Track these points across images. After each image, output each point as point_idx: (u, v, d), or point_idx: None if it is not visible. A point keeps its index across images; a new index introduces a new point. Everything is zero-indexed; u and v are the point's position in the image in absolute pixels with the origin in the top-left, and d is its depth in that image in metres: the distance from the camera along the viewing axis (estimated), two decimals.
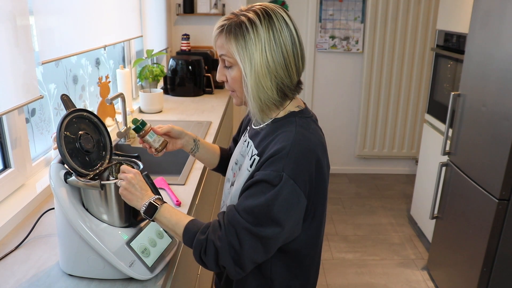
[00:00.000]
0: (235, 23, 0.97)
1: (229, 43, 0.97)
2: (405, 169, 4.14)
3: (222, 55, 1.00)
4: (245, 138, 1.15)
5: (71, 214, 0.99)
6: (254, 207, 0.92)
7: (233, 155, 1.20)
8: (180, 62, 2.98)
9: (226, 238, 0.93)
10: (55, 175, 1.00)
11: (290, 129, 0.99)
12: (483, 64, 2.03)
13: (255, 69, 0.96)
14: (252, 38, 0.95)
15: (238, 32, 0.96)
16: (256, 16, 0.96)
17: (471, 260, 2.07)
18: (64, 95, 1.05)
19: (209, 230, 0.96)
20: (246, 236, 0.92)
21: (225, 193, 1.17)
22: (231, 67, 1.00)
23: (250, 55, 0.95)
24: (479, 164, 2.03)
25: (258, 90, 0.97)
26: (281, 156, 0.93)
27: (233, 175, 1.13)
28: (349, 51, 3.79)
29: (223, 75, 1.04)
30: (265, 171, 0.93)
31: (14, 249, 1.15)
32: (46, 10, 1.52)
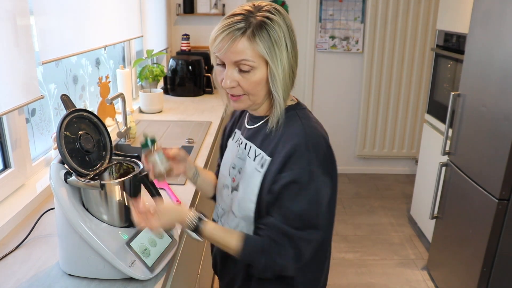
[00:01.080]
0: (255, 24, 0.93)
1: (255, 45, 0.93)
2: (405, 169, 4.14)
3: (242, 60, 0.94)
4: (239, 141, 1.12)
5: (71, 214, 0.99)
6: (301, 213, 0.95)
7: (225, 160, 1.17)
8: (180, 62, 2.98)
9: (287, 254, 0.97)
10: (55, 175, 1.00)
11: (297, 124, 1.00)
12: (483, 64, 2.03)
13: (283, 66, 0.96)
14: (278, 36, 0.94)
15: (262, 32, 0.93)
16: (273, 15, 0.95)
17: (471, 260, 2.07)
18: (64, 95, 1.05)
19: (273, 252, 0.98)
20: (302, 243, 0.97)
21: (225, 200, 1.14)
22: (250, 71, 0.96)
23: (279, 54, 0.95)
24: (479, 164, 2.03)
25: (284, 88, 0.98)
26: (302, 152, 0.95)
27: (232, 180, 1.11)
28: (349, 51, 3.79)
29: (234, 81, 0.98)
30: (293, 171, 0.95)
31: (14, 249, 1.15)
32: (46, 10, 1.52)
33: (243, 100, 1.01)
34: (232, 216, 1.10)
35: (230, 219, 1.11)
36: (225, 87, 0.99)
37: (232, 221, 1.10)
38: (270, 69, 0.95)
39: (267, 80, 0.97)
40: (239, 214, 1.07)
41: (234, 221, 1.09)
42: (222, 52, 0.95)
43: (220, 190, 1.17)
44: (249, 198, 1.03)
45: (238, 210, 1.07)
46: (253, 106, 1.04)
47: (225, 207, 1.15)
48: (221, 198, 1.17)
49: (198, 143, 2.02)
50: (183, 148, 1.95)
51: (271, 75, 0.96)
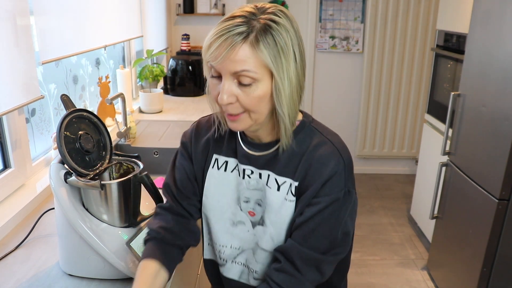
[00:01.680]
0: (259, 28, 0.80)
1: (258, 53, 0.79)
2: (405, 169, 4.14)
3: (243, 71, 0.80)
4: (241, 170, 0.96)
5: (71, 214, 0.99)
6: (332, 237, 0.89)
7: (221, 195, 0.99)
8: (180, 62, 2.98)
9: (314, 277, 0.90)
10: (55, 175, 1.00)
11: (324, 142, 0.91)
12: (483, 64, 2.03)
13: (290, 80, 0.82)
14: (286, 43, 0.81)
15: (267, 37, 0.79)
16: (279, 18, 0.81)
17: (471, 260, 2.07)
18: (64, 95, 1.05)
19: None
20: (326, 266, 0.91)
21: (243, 237, 0.99)
22: (252, 84, 0.81)
23: (286, 64, 0.81)
24: (479, 164, 2.03)
25: (290, 105, 0.84)
26: (339, 174, 0.88)
27: (250, 214, 0.97)
28: (349, 51, 3.79)
29: (233, 96, 0.83)
30: (331, 196, 0.87)
31: (14, 249, 1.15)
32: (46, 10, 1.52)
33: (242, 119, 0.86)
34: (263, 254, 0.97)
35: (260, 257, 0.98)
36: (222, 103, 0.83)
37: (265, 258, 0.98)
38: (275, 81, 0.81)
39: (271, 95, 0.83)
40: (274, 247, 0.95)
41: (268, 258, 0.97)
42: (218, 61, 0.80)
43: (227, 229, 1.01)
44: (285, 229, 0.93)
45: (272, 245, 0.95)
46: (254, 126, 0.89)
47: (242, 245, 1.00)
48: (233, 237, 1.00)
49: None
50: None
51: (276, 89, 0.82)
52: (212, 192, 1.01)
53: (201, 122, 1.07)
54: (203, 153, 1.02)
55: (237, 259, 1.02)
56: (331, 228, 0.88)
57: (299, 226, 0.90)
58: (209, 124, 1.04)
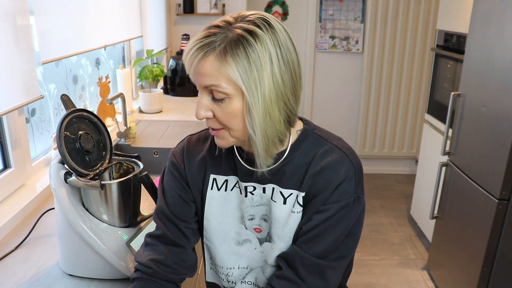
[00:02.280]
0: (230, 38, 0.73)
1: (226, 66, 0.73)
2: (405, 169, 4.14)
3: (212, 85, 0.75)
4: (243, 188, 0.92)
5: (71, 214, 0.99)
6: (338, 244, 0.86)
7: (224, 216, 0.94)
8: (180, 62, 2.98)
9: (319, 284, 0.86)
10: (55, 175, 1.00)
11: (332, 148, 0.87)
12: (483, 64, 2.03)
13: (263, 96, 0.75)
14: (259, 56, 0.73)
15: (237, 49, 0.72)
16: (257, 27, 0.74)
17: (471, 260, 2.07)
18: (64, 95, 1.05)
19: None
20: (330, 272, 0.87)
21: (251, 256, 0.95)
22: (225, 99, 0.76)
23: (258, 78, 0.73)
24: (479, 164, 2.03)
25: (266, 124, 0.77)
26: (349, 180, 0.85)
27: (256, 231, 0.93)
28: (349, 51, 3.79)
29: (208, 110, 0.79)
30: (341, 203, 0.84)
31: (14, 249, 1.15)
32: (46, 10, 1.52)
33: (223, 136, 0.82)
34: (273, 270, 0.94)
35: (269, 274, 0.94)
36: (198, 117, 0.79)
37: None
38: (245, 98, 0.74)
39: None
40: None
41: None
42: (191, 73, 0.77)
43: (232, 249, 0.95)
44: (289, 242, 0.90)
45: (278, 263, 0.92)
46: (240, 143, 0.85)
47: (250, 264, 0.96)
48: (239, 257, 0.96)
49: None
50: None
51: (247, 108, 0.75)
52: (213, 214, 0.94)
53: (191, 140, 0.98)
54: (199, 174, 0.94)
55: (246, 279, 0.97)
56: (338, 234, 0.86)
57: (304, 233, 0.87)
58: (199, 142, 0.97)
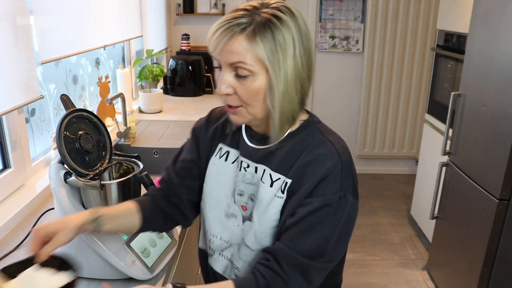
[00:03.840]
0: (259, 21, 0.80)
1: (255, 46, 0.79)
2: (405, 169, 4.14)
3: (239, 62, 0.81)
4: (240, 163, 0.96)
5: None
6: (320, 242, 0.85)
7: (217, 184, 0.99)
8: (180, 62, 2.98)
9: (301, 284, 0.85)
10: (55, 175, 1.00)
11: (324, 142, 0.89)
12: (483, 64, 2.03)
13: (285, 76, 0.82)
14: (285, 39, 0.80)
15: (265, 31, 0.79)
16: (282, 14, 0.81)
17: (471, 260, 2.07)
18: (63, 95, 1.05)
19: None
20: (314, 273, 0.86)
21: (233, 231, 0.98)
22: (249, 77, 0.82)
23: (282, 59, 0.81)
24: (479, 164, 2.03)
25: (284, 102, 0.84)
26: (335, 175, 0.85)
27: (242, 208, 0.96)
28: (349, 51, 3.79)
29: (230, 87, 0.84)
30: (324, 197, 0.84)
31: (14, 249, 1.15)
32: (46, 10, 1.52)
33: (240, 113, 0.87)
34: (246, 250, 0.96)
35: (244, 253, 0.96)
36: (219, 93, 0.85)
37: (248, 255, 0.96)
38: (269, 76, 0.81)
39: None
40: (257, 246, 0.93)
41: (251, 255, 0.95)
42: (217, 51, 0.83)
43: (221, 220, 1.00)
44: (270, 227, 0.91)
45: (255, 243, 0.94)
46: (253, 122, 0.90)
47: (231, 239, 0.99)
48: (224, 229, 0.99)
49: None
50: None
51: (269, 84, 0.82)
52: (211, 179, 1.01)
53: (214, 111, 1.07)
54: (210, 140, 1.03)
55: (224, 252, 1.01)
56: (322, 233, 0.85)
57: (289, 228, 0.87)
58: (220, 114, 1.05)
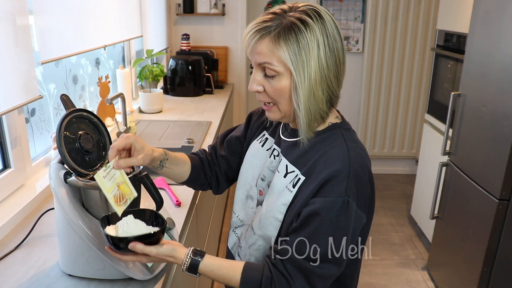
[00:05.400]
0: (284, 25, 0.84)
1: (279, 48, 0.84)
2: (405, 169, 4.14)
3: (265, 63, 0.86)
4: (272, 150, 1.02)
5: (71, 214, 0.98)
6: (323, 246, 0.85)
7: (249, 165, 1.06)
8: (180, 62, 2.98)
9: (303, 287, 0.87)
10: (55, 175, 1.00)
11: (341, 146, 0.90)
12: (483, 64, 2.03)
13: (309, 77, 0.85)
14: (308, 43, 0.83)
15: (289, 35, 0.83)
16: (308, 17, 0.84)
17: (471, 260, 2.07)
18: (63, 95, 1.05)
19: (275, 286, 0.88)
20: (317, 279, 0.87)
21: (247, 212, 1.04)
22: (275, 77, 0.87)
23: (306, 61, 0.84)
24: (479, 164, 2.03)
25: (310, 101, 0.87)
26: (341, 179, 0.85)
27: (259, 193, 1.01)
28: (349, 51, 3.79)
29: (260, 85, 0.90)
30: (327, 199, 0.85)
31: (14, 249, 1.15)
32: (46, 9, 1.52)
33: (273, 110, 0.93)
34: (250, 232, 1.01)
35: (248, 235, 1.02)
36: (250, 90, 0.92)
37: (250, 237, 1.01)
38: (293, 78, 0.85)
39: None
40: (259, 232, 0.97)
41: (252, 238, 1.00)
42: (248, 52, 0.89)
43: (242, 199, 1.07)
44: (274, 217, 0.93)
45: (258, 227, 0.97)
46: (286, 118, 0.94)
47: (245, 220, 1.05)
48: (242, 208, 1.07)
49: (198, 143, 2.01)
50: (182, 148, 1.96)
51: (294, 86, 0.86)
52: (246, 160, 1.08)
53: None
54: (259, 126, 1.11)
55: (236, 230, 1.08)
56: (324, 238, 0.85)
57: (295, 230, 0.89)
58: None
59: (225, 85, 3.39)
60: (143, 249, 0.87)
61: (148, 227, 0.94)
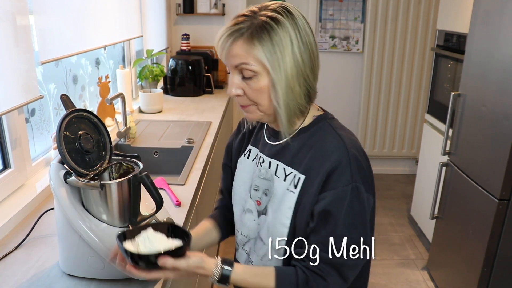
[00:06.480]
0: (256, 24, 0.85)
1: (253, 48, 0.84)
2: (405, 169, 4.14)
3: (242, 64, 0.86)
4: (258, 159, 1.02)
5: (71, 214, 0.98)
6: (345, 235, 0.86)
7: (240, 181, 1.07)
8: (180, 62, 2.98)
9: (338, 281, 0.88)
10: (55, 175, 1.00)
11: (333, 136, 0.92)
12: (483, 64, 2.03)
13: (286, 73, 0.86)
14: (281, 39, 0.84)
15: (262, 34, 0.84)
16: (278, 14, 0.86)
17: (471, 260, 2.07)
18: (63, 95, 1.05)
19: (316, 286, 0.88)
20: (348, 270, 0.89)
21: (249, 226, 1.02)
22: (253, 77, 0.87)
23: (281, 58, 0.85)
24: (479, 164, 2.03)
25: (288, 97, 0.88)
26: (344, 168, 0.86)
27: (257, 203, 1.00)
28: (349, 51, 3.79)
29: (239, 88, 0.90)
30: (336, 190, 0.86)
31: (14, 249, 1.15)
32: (46, 9, 1.52)
33: (252, 111, 0.93)
34: (260, 244, 1.00)
35: (258, 247, 1.01)
36: (230, 95, 0.91)
37: (260, 249, 1.00)
38: (270, 76, 0.86)
39: None
40: (269, 241, 0.96)
41: (263, 249, 0.99)
42: (223, 57, 0.89)
43: (240, 215, 1.06)
44: (282, 223, 0.93)
45: (267, 236, 0.96)
46: (266, 118, 0.95)
47: (249, 234, 1.04)
48: (242, 224, 1.05)
49: (198, 143, 2.01)
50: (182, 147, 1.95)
51: (272, 84, 0.86)
52: (236, 177, 1.08)
53: (243, 119, 1.12)
54: (240, 143, 1.11)
55: (244, 246, 1.06)
56: (345, 227, 0.86)
57: (313, 230, 0.89)
58: None
59: (225, 85, 3.39)
60: (174, 264, 0.83)
61: (169, 240, 0.90)
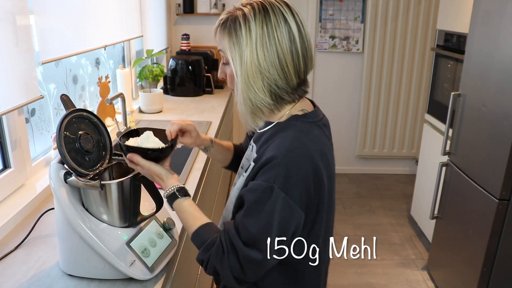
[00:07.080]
0: (231, 18, 0.93)
1: (223, 38, 0.94)
2: (405, 169, 4.14)
3: (220, 50, 0.97)
4: (250, 144, 1.09)
5: (71, 214, 0.98)
6: (251, 229, 0.88)
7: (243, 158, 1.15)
8: (180, 62, 2.98)
9: (228, 263, 0.91)
10: (55, 175, 1.00)
11: (287, 135, 0.92)
12: (483, 64, 2.03)
13: (245, 67, 0.91)
14: (244, 34, 0.90)
15: (231, 27, 0.92)
16: (252, 11, 0.91)
17: (471, 260, 2.07)
18: (63, 95, 1.05)
19: (212, 251, 0.93)
20: (247, 263, 0.90)
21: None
22: (227, 64, 0.97)
23: (241, 52, 0.91)
24: (479, 164, 2.03)
25: (248, 90, 0.92)
26: (273, 165, 0.87)
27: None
28: (349, 51, 3.79)
29: (222, 72, 1.01)
30: (257, 181, 0.89)
31: (14, 249, 1.15)
32: (46, 9, 1.52)
33: (235, 94, 0.99)
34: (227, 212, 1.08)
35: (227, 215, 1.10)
36: (218, 77, 1.03)
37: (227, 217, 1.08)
38: (231, 65, 0.94)
39: None
40: (225, 216, 1.07)
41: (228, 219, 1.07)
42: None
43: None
44: (231, 202, 1.00)
45: (224, 211, 1.07)
46: None
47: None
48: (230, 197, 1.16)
49: None
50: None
51: (235, 74, 0.94)
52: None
53: None
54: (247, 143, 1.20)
55: None
56: (250, 219, 0.89)
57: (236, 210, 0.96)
58: None
59: (225, 85, 3.39)
60: (139, 161, 0.99)
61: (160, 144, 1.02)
